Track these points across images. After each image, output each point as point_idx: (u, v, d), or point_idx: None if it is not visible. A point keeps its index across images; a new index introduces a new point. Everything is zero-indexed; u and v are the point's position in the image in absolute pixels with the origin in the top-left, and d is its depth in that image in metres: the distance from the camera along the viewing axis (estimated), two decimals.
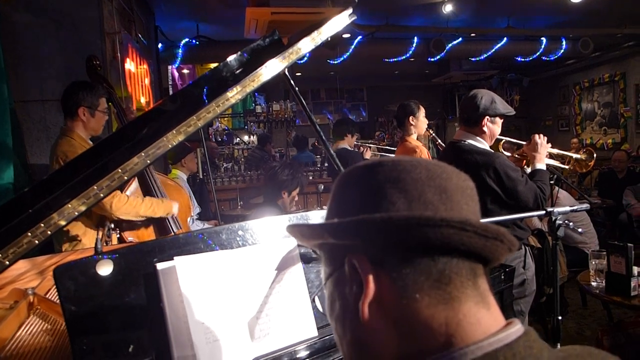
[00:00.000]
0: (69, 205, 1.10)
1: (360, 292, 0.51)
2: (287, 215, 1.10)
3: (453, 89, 11.92)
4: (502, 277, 1.44)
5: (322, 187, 3.26)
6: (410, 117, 3.44)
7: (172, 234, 2.54)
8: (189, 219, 3.05)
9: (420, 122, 3.45)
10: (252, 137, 9.78)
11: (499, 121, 2.35)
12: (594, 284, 2.71)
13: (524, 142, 2.53)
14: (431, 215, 0.48)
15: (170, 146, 1.26)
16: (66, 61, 3.25)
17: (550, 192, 3.68)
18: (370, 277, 0.50)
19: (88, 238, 2.37)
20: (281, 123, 8.49)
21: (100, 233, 2.18)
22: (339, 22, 1.66)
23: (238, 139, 9.94)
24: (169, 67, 7.46)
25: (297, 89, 1.61)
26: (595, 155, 2.66)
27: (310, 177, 5.89)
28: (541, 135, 2.41)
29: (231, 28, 6.12)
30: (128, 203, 2.31)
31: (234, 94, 1.37)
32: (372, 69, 9.97)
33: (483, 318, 0.50)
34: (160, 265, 0.89)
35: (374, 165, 0.54)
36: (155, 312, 0.89)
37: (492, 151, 2.34)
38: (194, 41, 6.43)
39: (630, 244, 2.45)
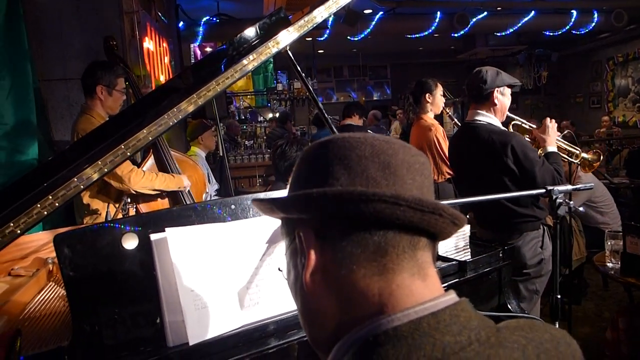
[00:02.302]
0: (75, 179, 1.16)
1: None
2: (280, 191, 1.13)
3: (479, 65, 11.54)
4: (501, 254, 1.45)
5: None
6: (427, 95, 3.39)
7: None
8: (204, 195, 3.13)
9: (436, 100, 3.39)
10: (275, 115, 9.84)
11: (508, 92, 2.32)
12: (609, 264, 2.66)
13: (534, 125, 2.47)
14: (364, 190, 0.50)
15: (187, 113, 1.30)
16: (86, 40, 3.32)
17: (569, 171, 3.61)
18: (312, 249, 0.54)
19: (112, 210, 2.48)
20: (302, 101, 8.50)
21: (114, 207, 2.28)
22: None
23: (261, 117, 10.01)
24: (191, 45, 7.52)
25: (298, 67, 1.62)
26: (602, 157, 2.59)
27: None
28: (552, 120, 2.36)
29: (251, 5, 6.11)
30: (145, 177, 2.42)
31: (248, 62, 1.41)
32: (395, 46, 9.80)
33: (417, 289, 0.52)
34: (153, 236, 0.94)
35: (326, 142, 0.57)
36: (150, 280, 0.94)
37: (509, 130, 2.31)
38: (214, 19, 6.46)
39: None
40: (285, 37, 1.47)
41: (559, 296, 1.46)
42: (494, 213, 2.26)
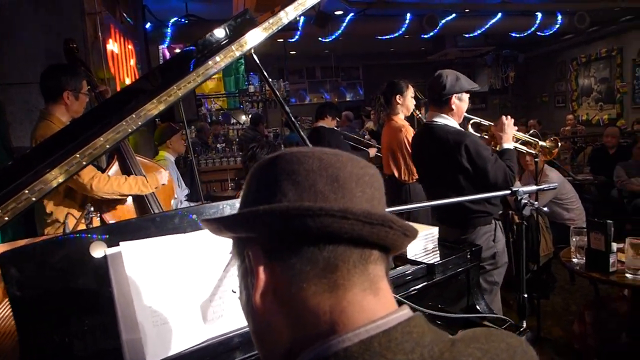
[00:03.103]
0: (26, 191, 1.10)
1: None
2: (233, 200, 1.10)
3: (450, 66, 11.71)
4: (468, 255, 1.45)
5: None
6: (397, 96, 3.41)
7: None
8: (173, 201, 3.06)
9: (407, 101, 3.42)
10: (248, 117, 9.76)
11: (466, 97, 2.42)
12: (575, 260, 2.73)
13: (491, 123, 2.56)
14: (310, 205, 0.49)
15: (147, 118, 1.26)
16: (46, 43, 3.20)
17: (536, 169, 3.68)
18: (261, 268, 0.52)
19: (71, 221, 2.39)
20: (275, 103, 8.45)
21: (74, 217, 2.19)
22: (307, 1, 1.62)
23: (234, 119, 9.90)
24: (160, 47, 7.37)
25: (264, 72, 1.59)
26: (560, 144, 2.72)
27: None
28: (508, 117, 2.47)
29: (220, 6, 6.02)
30: (110, 182, 2.34)
31: (212, 65, 1.38)
32: (367, 47, 9.86)
33: (369, 305, 0.50)
34: (108, 251, 0.90)
35: (274, 158, 0.56)
36: (106, 297, 0.90)
37: (464, 130, 2.40)
38: (183, 20, 6.34)
39: (609, 221, 2.45)
40: (250, 40, 1.45)
41: (525, 295, 1.47)
42: (450, 209, 2.39)
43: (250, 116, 9.10)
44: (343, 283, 0.50)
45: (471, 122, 2.58)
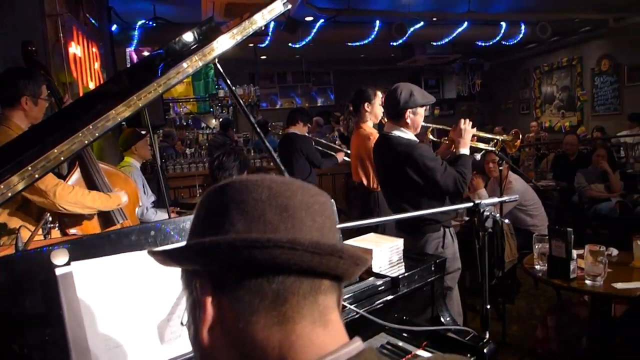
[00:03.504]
0: None
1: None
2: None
3: (419, 72, 11.98)
4: (433, 268, 1.47)
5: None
6: (366, 104, 3.43)
7: (117, 224, 2.48)
8: (137, 209, 2.98)
9: (375, 109, 3.44)
10: (218, 121, 9.63)
11: (421, 111, 2.48)
12: (537, 267, 2.80)
13: (449, 128, 2.63)
14: (257, 237, 0.48)
15: (105, 129, 1.22)
16: (5, 45, 3.07)
17: (500, 176, 3.78)
18: (208, 301, 0.51)
19: (27, 233, 2.28)
20: (246, 107, 8.38)
21: (28, 229, 2.09)
22: (275, 8, 1.62)
23: (204, 123, 9.77)
24: (127, 49, 7.20)
25: (228, 80, 1.57)
26: (520, 136, 2.81)
27: (272, 163, 5.83)
28: (466, 121, 2.53)
29: (189, 9, 5.93)
30: (73, 193, 2.24)
31: (175, 75, 1.34)
32: (338, 53, 9.92)
33: (318, 338, 0.50)
34: (58, 271, 0.86)
35: (224, 186, 0.55)
36: (56, 319, 0.86)
37: (415, 142, 2.46)
38: (150, 23, 6.21)
39: (569, 229, 2.53)
40: (218, 47, 1.42)
41: (488, 306, 1.50)
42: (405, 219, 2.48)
43: (220, 120, 9.01)
44: (292, 315, 0.49)
45: (430, 129, 2.66)
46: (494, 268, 3.55)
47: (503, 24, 7.52)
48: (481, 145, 2.66)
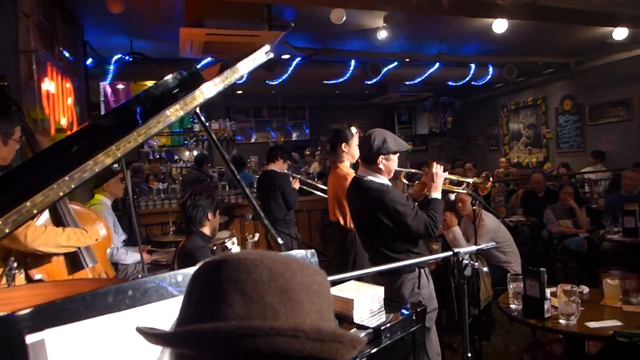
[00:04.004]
0: None
1: None
2: (181, 271, 1.04)
3: (392, 108, 12.30)
4: (414, 317, 1.46)
5: (250, 216, 3.19)
6: (343, 144, 3.47)
7: (86, 267, 2.38)
8: (109, 250, 2.88)
9: (352, 149, 3.48)
10: (192, 154, 9.54)
11: (394, 157, 2.54)
12: (512, 306, 2.82)
13: (421, 172, 2.71)
14: (260, 325, 0.47)
15: (82, 180, 1.18)
16: None
17: (474, 215, 3.84)
18: None
19: None
20: (221, 142, 8.37)
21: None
22: (257, 58, 1.64)
23: (177, 156, 9.67)
24: (101, 83, 7.14)
25: (207, 124, 1.56)
26: (491, 178, 2.90)
27: (240, 200, 5.78)
28: (438, 165, 2.60)
29: (167, 45, 5.96)
30: (46, 233, 2.13)
31: (154, 125, 1.32)
32: (313, 89, 10.09)
33: None
34: (29, 339, 0.81)
35: (220, 264, 0.53)
36: None
37: (386, 186, 2.50)
38: (127, 57, 6.20)
39: (542, 269, 2.57)
40: (200, 95, 1.41)
41: (469, 354, 1.49)
42: (378, 258, 2.50)
43: (194, 153, 8.92)
44: None
45: (403, 173, 2.72)
46: (470, 306, 3.57)
47: (472, 65, 7.86)
48: (453, 188, 2.72)
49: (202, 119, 1.54)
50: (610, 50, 7.39)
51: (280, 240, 1.64)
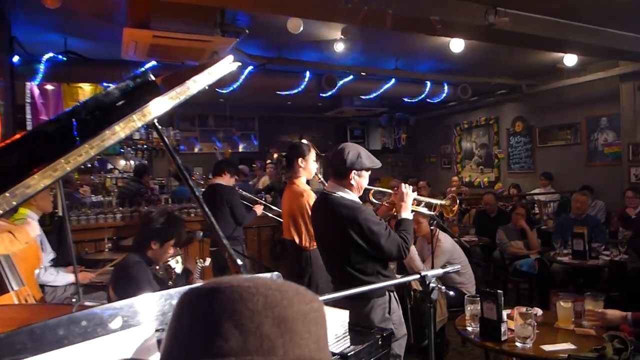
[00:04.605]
0: None
1: None
2: (140, 300, 1.01)
3: (345, 123, 12.51)
4: (380, 342, 1.49)
5: (201, 234, 3.12)
6: (300, 159, 3.50)
7: (11, 291, 2.23)
8: (37, 271, 2.72)
9: (309, 165, 3.51)
10: (128, 162, 9.16)
11: (366, 174, 2.56)
12: (469, 329, 2.92)
13: (391, 191, 2.76)
14: None
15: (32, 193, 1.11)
16: None
17: (431, 235, 3.97)
18: None
19: None
20: (162, 152, 8.14)
21: None
22: (220, 69, 1.63)
23: (112, 165, 9.28)
24: (28, 83, 6.77)
25: (165, 137, 1.53)
26: (458, 201, 3.01)
27: (192, 215, 5.66)
28: (407, 185, 2.67)
29: (106, 45, 5.76)
30: None
31: (104, 140, 1.27)
32: (264, 99, 10.08)
33: None
34: None
35: (212, 292, 0.52)
36: None
37: (358, 204, 2.53)
38: (60, 57, 5.92)
39: (500, 291, 2.69)
40: (155, 109, 1.39)
41: None
42: (346, 281, 2.46)
43: (131, 163, 8.60)
44: None
45: (372, 191, 2.75)
46: (425, 329, 3.66)
47: (428, 82, 8.19)
48: (420, 209, 2.79)
49: (159, 128, 1.51)
50: (560, 75, 7.96)
51: (240, 262, 1.63)
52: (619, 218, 6.06)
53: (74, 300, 2.82)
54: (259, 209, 4.82)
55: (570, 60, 7.05)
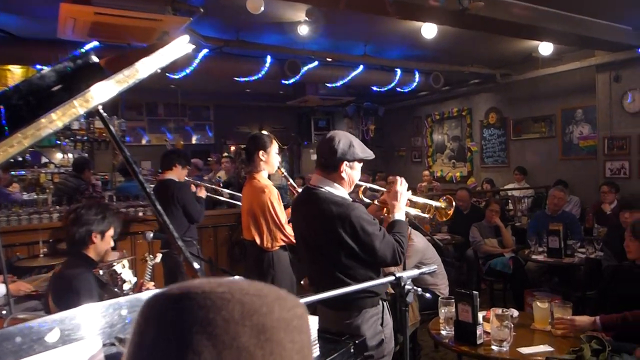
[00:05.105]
0: None
1: None
2: (73, 311, 0.96)
3: (309, 113, 12.52)
4: (352, 350, 1.48)
5: (152, 235, 3.03)
6: (261, 152, 3.45)
7: None
8: None
9: (271, 158, 3.47)
10: (66, 155, 8.83)
11: (358, 166, 2.41)
12: (443, 332, 2.97)
13: (384, 189, 2.65)
14: None
15: None
16: None
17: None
18: None
19: None
20: (105, 143, 7.91)
21: None
22: (174, 50, 1.59)
23: (47, 159, 8.93)
24: None
25: (111, 126, 1.48)
26: (454, 203, 2.85)
27: (140, 214, 5.52)
28: (402, 182, 2.53)
29: (40, 22, 5.53)
30: None
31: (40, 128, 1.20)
32: (220, 86, 9.94)
33: None
34: None
35: (180, 299, 0.50)
36: None
37: (350, 201, 2.39)
38: None
39: (475, 292, 2.75)
40: (98, 94, 1.33)
41: None
42: (331, 289, 2.25)
43: (70, 156, 8.31)
44: None
45: (362, 188, 2.62)
46: (397, 333, 3.70)
47: (398, 70, 8.27)
48: (413, 212, 2.68)
49: (104, 116, 1.45)
50: (536, 65, 8.22)
51: (196, 265, 1.59)
52: (594, 214, 6.31)
53: (4, 312, 2.69)
54: (202, 191, 4.71)
55: (545, 49, 7.28)
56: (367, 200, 2.66)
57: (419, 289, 1.64)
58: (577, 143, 8.43)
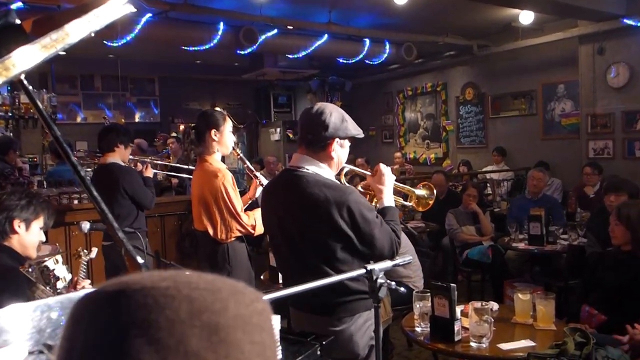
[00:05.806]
0: None
1: None
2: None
3: (268, 87, 12.41)
4: (319, 352, 1.47)
5: (88, 225, 2.93)
6: (213, 131, 3.37)
7: None
8: None
9: (224, 138, 3.40)
10: None
11: (347, 145, 2.34)
12: (418, 329, 3.00)
13: (369, 172, 2.61)
14: None
15: None
16: None
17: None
18: None
19: None
20: (34, 121, 7.67)
21: None
22: (110, 11, 1.51)
23: None
24: None
25: (36, 99, 1.40)
26: (435, 192, 2.79)
27: (76, 202, 5.36)
28: (384, 165, 2.48)
29: None
30: None
31: None
32: (166, 56, 9.74)
33: None
34: None
35: (116, 297, 0.47)
36: None
37: (344, 184, 2.33)
38: None
39: (453, 285, 2.78)
40: (21, 61, 1.25)
41: None
42: (326, 289, 1.88)
43: None
44: None
45: (344, 170, 2.54)
46: None
47: (367, 40, 8.27)
48: (396, 198, 2.65)
49: (28, 87, 1.37)
50: (515, 35, 8.35)
51: (140, 260, 1.54)
52: (576, 198, 6.49)
53: None
54: (148, 170, 4.62)
55: (526, 18, 7.39)
56: (348, 185, 2.51)
57: (393, 283, 1.64)
58: (558, 121, 8.65)
